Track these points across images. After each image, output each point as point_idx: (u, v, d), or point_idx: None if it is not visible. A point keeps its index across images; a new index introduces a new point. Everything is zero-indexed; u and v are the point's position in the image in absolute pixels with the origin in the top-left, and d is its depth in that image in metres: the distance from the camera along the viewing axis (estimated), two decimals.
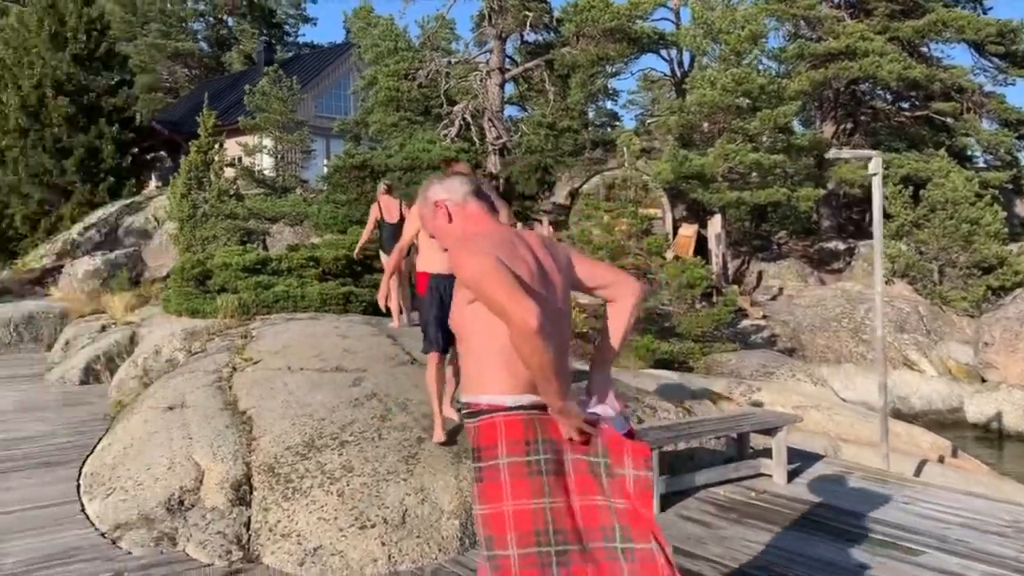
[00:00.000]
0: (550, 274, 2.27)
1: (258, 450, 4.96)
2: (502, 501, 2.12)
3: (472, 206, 2.37)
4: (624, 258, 11.74)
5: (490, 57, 19.07)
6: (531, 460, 2.14)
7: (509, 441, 2.15)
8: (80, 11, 23.50)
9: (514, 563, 2.09)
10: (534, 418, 2.18)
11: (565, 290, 2.32)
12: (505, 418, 2.17)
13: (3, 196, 22.94)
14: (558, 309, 2.26)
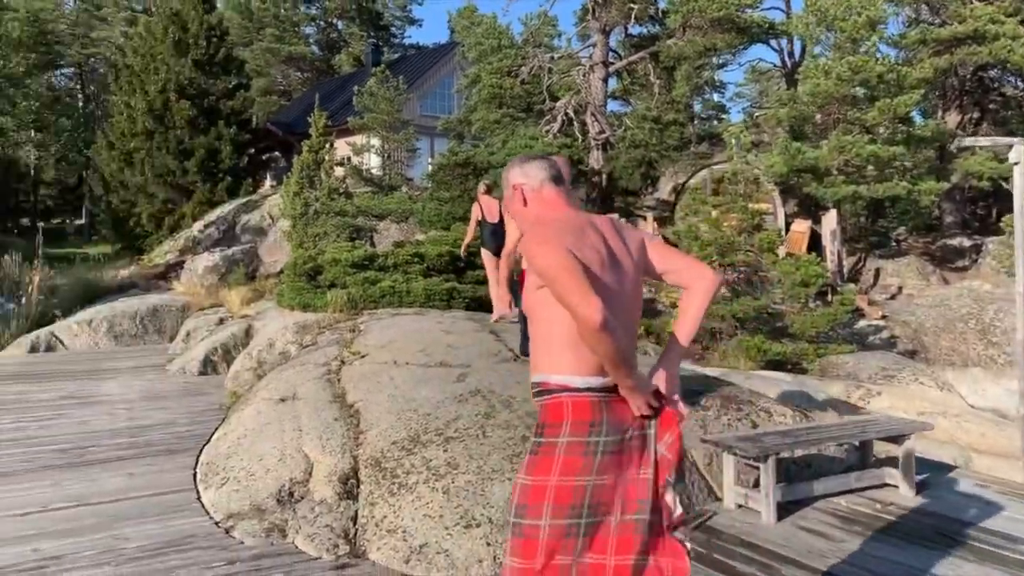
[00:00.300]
0: (620, 259, 2.31)
1: (365, 444, 5.00)
2: (549, 475, 2.20)
3: (548, 191, 2.39)
4: (734, 254, 11.34)
5: (593, 51, 18.84)
6: (590, 441, 2.21)
7: (575, 421, 2.21)
8: (201, 18, 24.68)
9: (543, 532, 2.18)
10: (601, 400, 2.22)
11: (636, 274, 2.36)
12: (573, 398, 2.21)
13: (131, 196, 24.36)
14: (627, 293, 2.30)
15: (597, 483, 2.20)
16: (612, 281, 2.23)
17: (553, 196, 2.39)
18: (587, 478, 2.19)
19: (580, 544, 2.19)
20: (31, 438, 6.42)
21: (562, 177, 2.44)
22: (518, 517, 2.22)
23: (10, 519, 4.52)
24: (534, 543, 2.18)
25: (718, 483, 5.00)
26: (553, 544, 2.18)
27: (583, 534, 2.20)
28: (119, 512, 4.61)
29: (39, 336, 12.56)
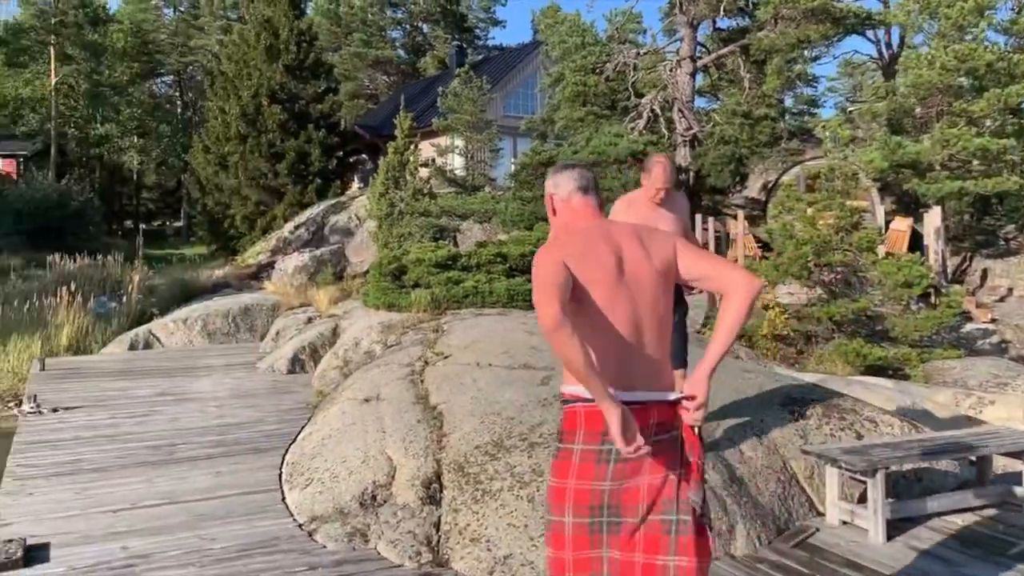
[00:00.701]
0: (636, 269, 2.34)
1: (448, 447, 4.90)
2: (567, 479, 2.30)
3: (576, 201, 2.48)
4: (830, 254, 10.81)
5: (680, 45, 18.38)
6: (603, 450, 2.28)
7: (587, 431, 2.29)
8: (291, 24, 25.32)
9: (567, 528, 2.30)
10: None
11: (658, 282, 2.37)
12: (585, 408, 2.28)
13: (226, 198, 25.20)
14: (642, 301, 2.33)
15: (614, 488, 2.29)
16: (619, 291, 2.29)
17: (581, 206, 2.47)
18: (602, 483, 2.29)
19: (605, 539, 2.29)
20: (127, 434, 6.60)
21: (590, 187, 2.50)
22: (548, 513, 2.36)
23: (103, 515, 4.61)
24: (561, 536, 2.31)
25: (820, 497, 4.68)
26: (578, 538, 2.30)
27: (607, 531, 2.29)
28: (206, 511, 4.64)
29: (138, 334, 13.04)
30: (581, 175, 2.50)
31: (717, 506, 4.13)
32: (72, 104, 41.52)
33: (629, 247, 2.36)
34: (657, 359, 2.34)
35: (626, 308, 2.30)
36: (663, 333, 2.38)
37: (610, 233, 2.39)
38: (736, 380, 5.62)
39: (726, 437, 4.70)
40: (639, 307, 2.32)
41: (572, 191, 2.48)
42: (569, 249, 2.31)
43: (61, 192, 27.65)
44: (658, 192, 4.40)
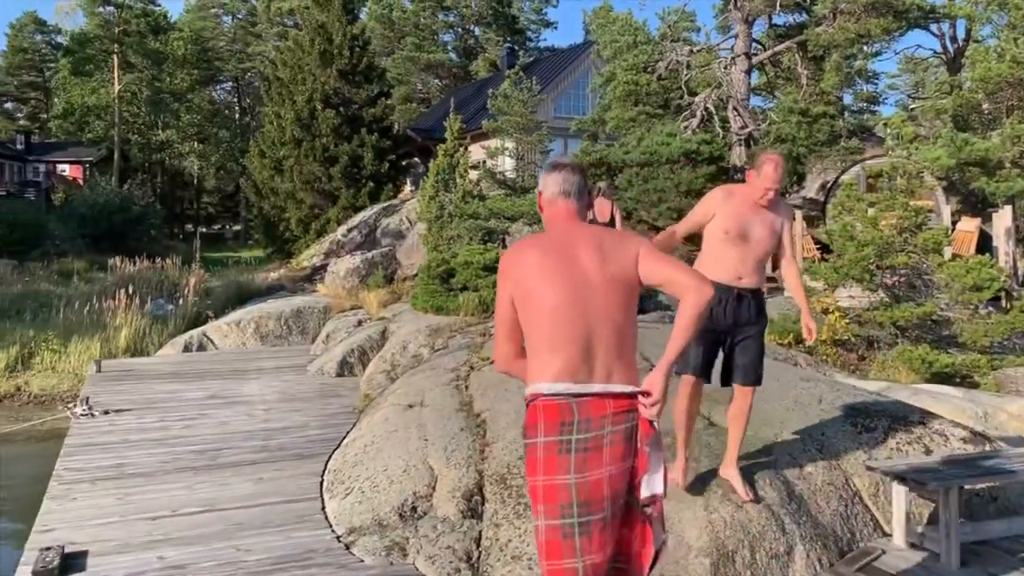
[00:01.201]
0: (589, 276, 2.47)
1: (490, 457, 4.74)
2: (535, 475, 2.39)
3: (559, 204, 2.63)
4: (894, 256, 10.34)
5: (735, 42, 17.92)
6: (563, 440, 2.37)
7: (547, 423, 2.39)
8: (345, 29, 25.54)
9: (541, 531, 2.39)
10: (571, 401, 2.39)
11: (610, 288, 2.47)
12: (544, 402, 2.41)
13: (281, 201, 25.54)
14: (593, 304, 2.44)
15: (579, 480, 2.34)
16: (570, 296, 2.43)
17: (563, 210, 2.62)
18: (567, 476, 2.34)
19: (578, 544, 2.33)
20: (174, 438, 6.61)
21: (573, 192, 2.61)
22: (534, 514, 2.43)
23: (143, 522, 4.57)
24: (539, 543, 2.41)
25: (886, 516, 4.38)
26: (552, 544, 2.34)
27: (579, 535, 2.33)
28: (244, 520, 4.57)
29: (192, 336, 13.20)
30: (567, 179, 2.63)
31: (774, 526, 3.88)
32: (135, 111, 42.74)
33: (587, 255, 2.50)
34: (611, 358, 2.44)
35: (576, 311, 2.43)
36: (619, 335, 2.46)
37: (573, 241, 2.53)
38: (794, 390, 5.34)
39: (784, 451, 4.44)
40: (590, 311, 2.44)
41: (556, 194, 2.63)
42: (526, 257, 2.52)
43: (123, 197, 28.43)
44: (767, 192, 3.95)
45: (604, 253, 2.51)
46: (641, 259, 2.52)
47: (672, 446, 3.88)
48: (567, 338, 2.40)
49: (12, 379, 13.54)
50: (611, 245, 2.53)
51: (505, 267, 2.54)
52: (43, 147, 42.73)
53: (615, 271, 2.49)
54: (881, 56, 36.59)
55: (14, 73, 51.14)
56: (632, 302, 2.55)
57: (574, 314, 2.42)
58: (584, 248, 2.50)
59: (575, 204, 2.62)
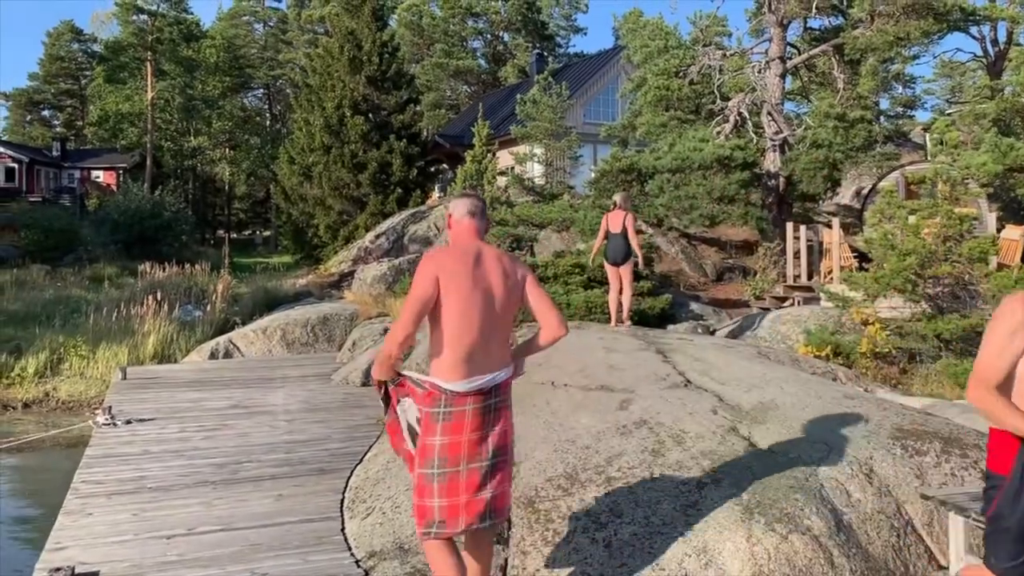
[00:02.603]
0: (491, 286, 3.07)
1: (518, 478, 4.51)
2: (435, 436, 3.06)
3: (465, 223, 3.23)
4: (938, 265, 9.96)
5: (769, 46, 17.55)
6: (435, 412, 3.06)
7: (431, 398, 3.07)
8: (374, 36, 25.55)
9: (416, 477, 3.12)
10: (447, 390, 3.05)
11: (506, 297, 3.10)
12: (430, 387, 3.08)
13: (310, 208, 25.58)
14: (490, 309, 3.06)
15: (443, 442, 3.03)
16: (472, 300, 3.01)
17: (468, 227, 3.22)
18: (434, 439, 3.04)
19: (463, 485, 3.04)
20: (194, 450, 6.47)
21: (477, 213, 3.23)
22: (419, 467, 3.13)
23: (157, 542, 4.41)
24: (430, 486, 3.05)
25: (941, 548, 4.08)
26: (450, 486, 3.03)
27: (437, 480, 3.02)
28: (261, 541, 4.39)
29: (218, 343, 13.14)
30: (473, 204, 3.26)
31: (822, 558, 3.61)
32: (167, 118, 43.24)
33: (490, 269, 3.08)
34: (498, 354, 3.09)
35: (476, 314, 3.00)
36: (504, 336, 3.15)
37: (479, 256, 3.10)
38: (838, 408, 5.05)
39: (829, 476, 4.16)
40: (486, 315, 3.03)
41: (464, 214, 3.23)
42: (444, 263, 3.05)
43: (154, 203, 28.66)
44: None
45: (505, 271, 3.11)
46: (528, 284, 3.18)
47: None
48: (465, 335, 2.99)
49: (41, 384, 13.61)
50: (510, 267, 3.15)
51: (431, 263, 3.02)
52: (78, 154, 43.38)
53: (511, 287, 3.11)
54: (918, 60, 35.83)
55: (51, 81, 52.10)
56: (514, 306, 3.17)
57: (476, 317, 2.99)
58: (490, 264, 3.09)
59: (478, 223, 3.23)
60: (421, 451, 3.07)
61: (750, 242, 18.14)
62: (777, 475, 4.09)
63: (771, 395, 5.25)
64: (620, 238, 9.31)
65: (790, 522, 3.70)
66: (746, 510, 3.77)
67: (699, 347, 7.15)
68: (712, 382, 5.64)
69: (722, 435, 4.59)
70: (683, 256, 16.55)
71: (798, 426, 4.72)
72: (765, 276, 14.77)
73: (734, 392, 5.34)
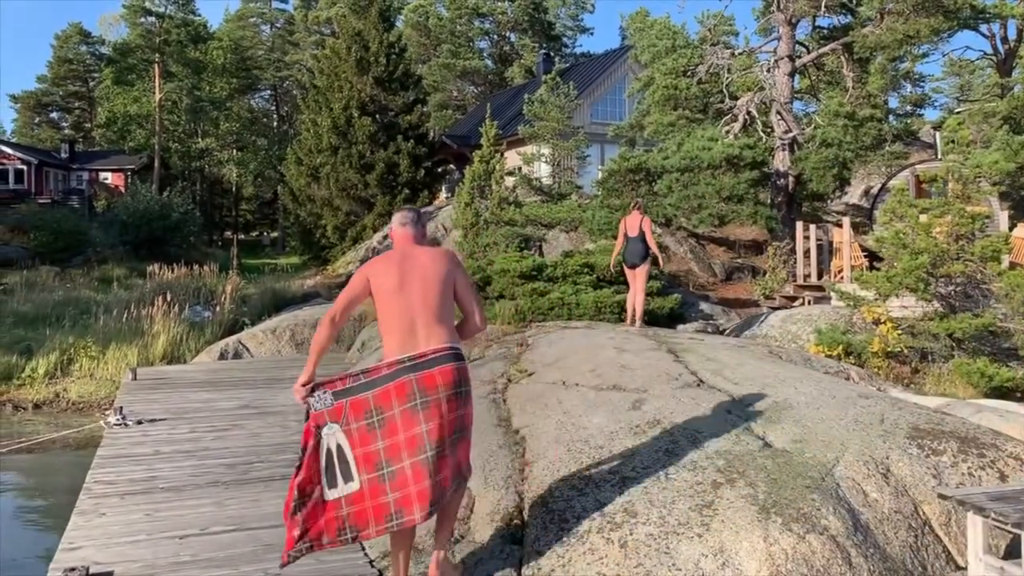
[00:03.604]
0: (419, 280, 3.57)
1: (531, 478, 4.50)
2: (355, 448, 3.47)
3: (398, 232, 3.80)
4: (950, 264, 9.90)
5: (778, 45, 17.50)
6: (368, 422, 3.47)
7: (353, 410, 3.55)
8: (381, 37, 25.56)
9: (365, 484, 3.43)
10: (370, 394, 3.53)
11: (435, 287, 3.58)
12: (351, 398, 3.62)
13: (317, 209, 25.59)
14: (418, 299, 3.55)
15: (384, 446, 3.45)
16: (399, 294, 3.53)
17: (402, 235, 3.77)
18: (376, 445, 3.47)
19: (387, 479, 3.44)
20: (205, 450, 6.46)
21: (408, 223, 3.78)
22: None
23: (170, 542, 4.40)
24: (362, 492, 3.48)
25: (958, 548, 4.05)
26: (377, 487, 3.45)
27: (388, 479, 3.43)
28: (274, 540, 4.38)
29: (228, 344, 13.16)
30: (404, 216, 3.81)
31: (840, 559, 3.58)
32: (175, 119, 43.35)
33: (414, 266, 3.60)
34: (430, 334, 3.51)
35: (403, 306, 3.52)
36: (438, 319, 3.53)
37: (405, 257, 3.65)
38: (853, 408, 5.01)
39: (845, 476, 4.13)
40: (413, 305, 3.52)
41: (396, 225, 3.80)
42: (376, 267, 3.63)
43: (163, 204, 28.70)
44: None
45: (429, 266, 3.59)
46: (458, 276, 3.67)
47: None
48: (396, 322, 3.52)
49: (52, 385, 13.65)
50: (438, 262, 3.62)
51: (366, 267, 3.63)
52: (86, 156, 43.52)
53: (443, 279, 3.59)
54: (928, 58, 35.59)
55: (59, 83, 52.29)
56: (448, 295, 3.60)
57: (403, 308, 3.51)
58: (414, 263, 3.60)
59: (411, 231, 3.75)
60: (367, 458, 3.41)
61: (759, 242, 18.09)
62: (793, 475, 4.06)
63: (785, 394, 5.22)
64: (638, 241, 9.60)
65: (807, 522, 3.67)
66: (762, 510, 3.74)
67: (711, 347, 7.12)
68: (725, 382, 5.61)
69: (736, 435, 4.56)
70: (692, 256, 16.51)
71: (813, 425, 4.68)
72: (775, 275, 14.71)
73: (747, 392, 5.31)
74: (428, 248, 3.73)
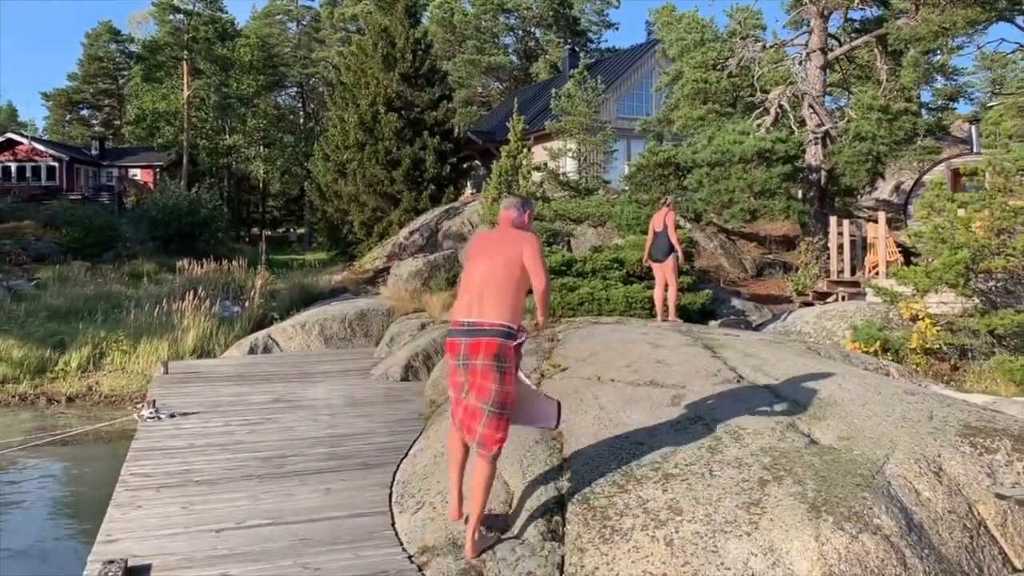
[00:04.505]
0: (493, 258, 4.02)
1: (570, 474, 4.42)
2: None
3: (501, 213, 4.33)
4: (990, 259, 9.67)
5: (809, 38, 17.25)
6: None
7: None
8: (407, 33, 25.54)
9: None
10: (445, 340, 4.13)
11: (500, 270, 3.96)
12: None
13: (344, 205, 25.65)
14: (486, 274, 3.98)
15: (448, 381, 4.09)
16: (478, 262, 4.04)
17: (501, 216, 4.29)
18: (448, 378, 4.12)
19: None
20: (238, 443, 6.46)
21: (511, 208, 4.29)
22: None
23: (207, 535, 4.38)
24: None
25: (1015, 549, 3.91)
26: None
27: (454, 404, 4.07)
28: (311, 535, 4.34)
29: (257, 338, 13.20)
30: (509, 201, 4.33)
31: (895, 559, 3.46)
32: (203, 116, 43.70)
33: (496, 245, 4.06)
34: (490, 307, 3.89)
35: (476, 275, 4.00)
36: (499, 295, 3.89)
37: (496, 235, 4.17)
38: (900, 404, 4.88)
39: (896, 474, 4.01)
40: (484, 277, 3.96)
41: (502, 208, 4.34)
42: (475, 238, 4.32)
43: (191, 200, 28.91)
44: None
45: (507, 244, 4.01)
46: (525, 252, 3.96)
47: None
48: (470, 290, 3.99)
49: (84, 379, 13.78)
50: (513, 241, 4.02)
51: (474, 235, 4.42)
52: (116, 152, 44.02)
53: (505, 254, 3.97)
54: (961, 51, 34.94)
55: (90, 81, 52.97)
56: (512, 270, 3.93)
57: (475, 280, 3.99)
58: (494, 242, 4.09)
59: (510, 214, 4.23)
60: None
61: (790, 237, 17.84)
62: (842, 472, 3.95)
63: (829, 391, 5.09)
64: (664, 236, 9.74)
65: (859, 521, 3.56)
66: (812, 508, 3.63)
67: (747, 343, 7.00)
68: (766, 378, 5.49)
69: (781, 431, 4.45)
70: (722, 251, 16.32)
71: (860, 422, 4.56)
72: (807, 271, 14.50)
73: (790, 388, 5.20)
74: (513, 231, 4.12)
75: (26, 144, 39.36)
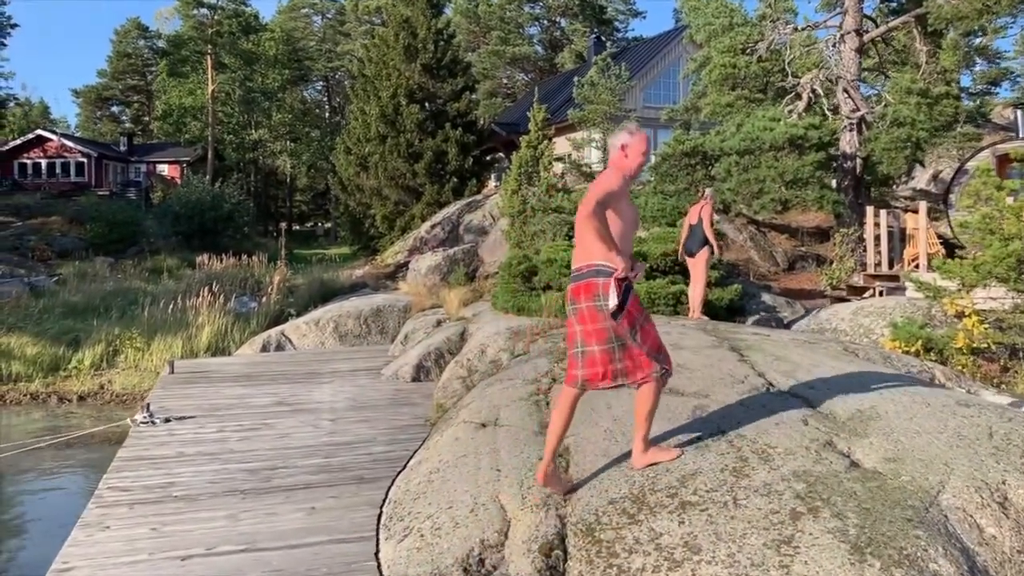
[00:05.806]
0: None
1: (575, 499, 3.92)
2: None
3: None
4: None
5: (843, 19, 16.44)
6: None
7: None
8: (429, 23, 25.07)
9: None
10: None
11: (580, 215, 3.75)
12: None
13: (366, 198, 25.32)
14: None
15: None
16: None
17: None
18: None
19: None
20: (229, 452, 6.06)
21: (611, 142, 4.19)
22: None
23: (171, 563, 3.96)
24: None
25: None
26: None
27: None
28: (284, 566, 3.89)
29: (270, 336, 12.86)
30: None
31: None
32: (228, 111, 43.70)
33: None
34: (577, 254, 3.86)
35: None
36: (581, 241, 3.78)
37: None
38: (953, 419, 4.29)
39: (954, 506, 3.44)
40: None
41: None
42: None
43: (215, 195, 28.80)
44: None
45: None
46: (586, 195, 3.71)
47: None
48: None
49: (97, 377, 13.56)
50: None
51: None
52: (144, 148, 44.22)
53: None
54: (1005, 33, 33.57)
55: (119, 77, 53.35)
56: (580, 223, 3.69)
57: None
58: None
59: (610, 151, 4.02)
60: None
61: (823, 229, 17.10)
62: (889, 503, 3.40)
63: (870, 401, 4.53)
64: (697, 228, 9.49)
65: (912, 566, 3.00)
66: (855, 549, 3.09)
67: (778, 344, 6.42)
68: (799, 385, 4.94)
69: (816, 451, 3.90)
70: (752, 244, 15.66)
71: (907, 440, 4.00)
72: (842, 264, 13.79)
73: (826, 398, 4.64)
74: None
75: (56, 140, 39.63)
